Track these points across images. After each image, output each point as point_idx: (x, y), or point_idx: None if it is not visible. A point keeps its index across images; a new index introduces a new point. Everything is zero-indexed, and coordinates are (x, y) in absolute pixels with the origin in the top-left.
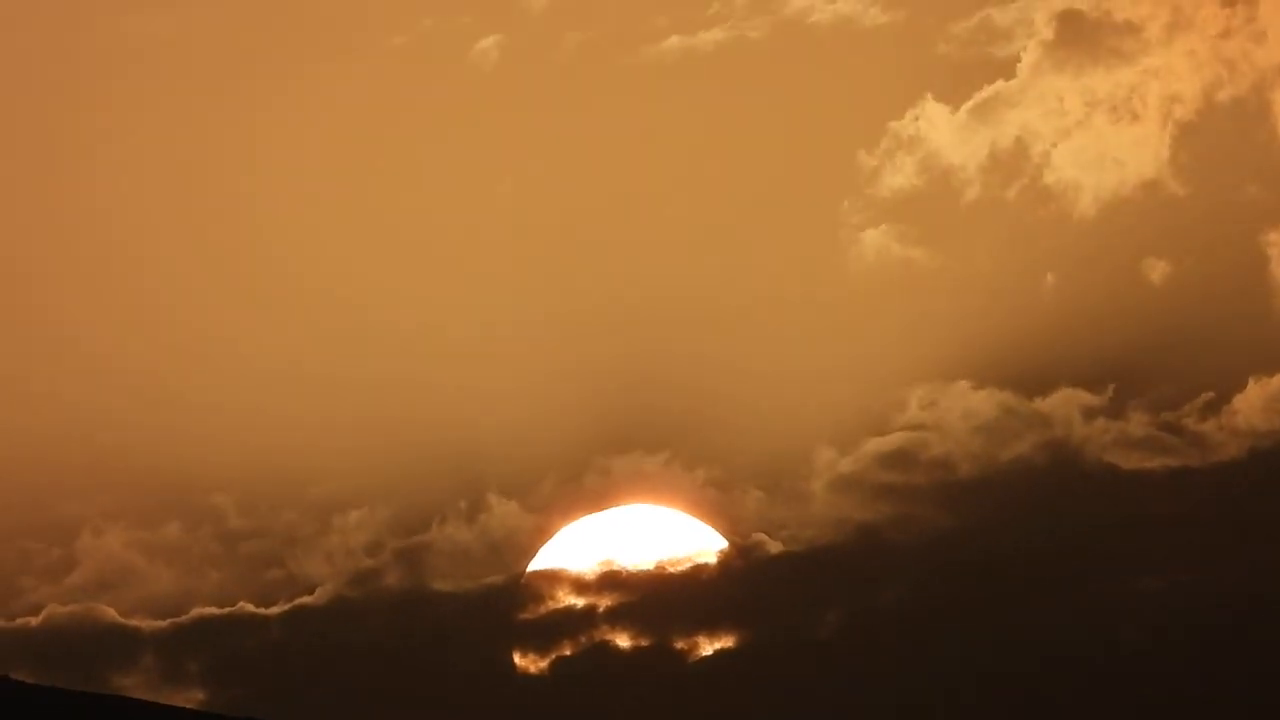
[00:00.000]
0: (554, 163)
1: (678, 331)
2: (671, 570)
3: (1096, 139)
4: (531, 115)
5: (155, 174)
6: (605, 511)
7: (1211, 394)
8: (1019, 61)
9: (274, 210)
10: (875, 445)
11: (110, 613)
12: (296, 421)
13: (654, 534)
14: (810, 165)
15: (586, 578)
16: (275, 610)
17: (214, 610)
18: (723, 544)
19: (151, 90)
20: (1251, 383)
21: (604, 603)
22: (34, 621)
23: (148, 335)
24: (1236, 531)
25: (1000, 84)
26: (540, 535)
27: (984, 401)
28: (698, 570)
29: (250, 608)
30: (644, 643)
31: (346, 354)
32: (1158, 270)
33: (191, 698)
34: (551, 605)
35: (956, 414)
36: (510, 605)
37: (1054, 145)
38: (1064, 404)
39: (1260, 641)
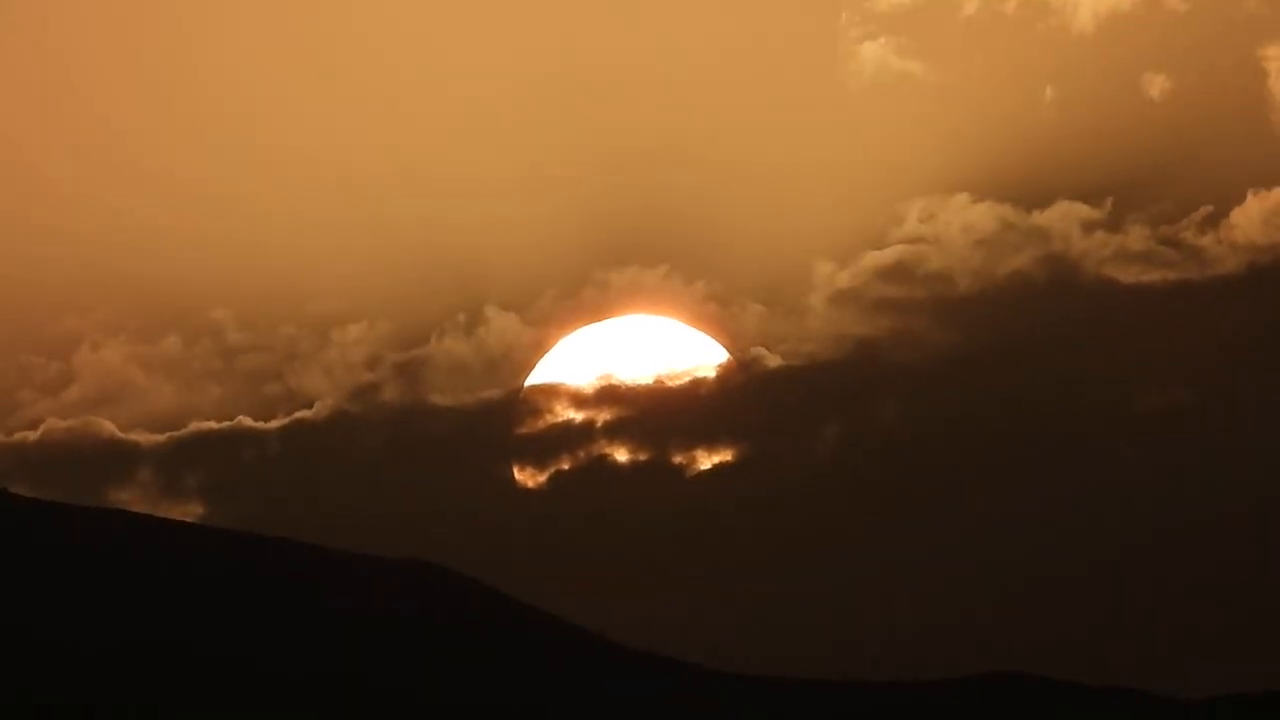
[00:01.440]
0: None
1: (676, 146)
2: (670, 384)
3: None
4: None
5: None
6: (604, 322)
7: (1210, 208)
8: None
9: (281, 41)
10: (874, 259)
11: (109, 427)
12: (295, 236)
13: (653, 346)
14: None
15: (585, 392)
16: (274, 424)
17: (213, 424)
18: (722, 355)
19: None
20: (1250, 196)
21: (602, 417)
22: (32, 436)
23: (147, 155)
24: (1235, 345)
25: None
26: (539, 349)
27: (983, 215)
28: (696, 384)
29: (249, 422)
30: (642, 457)
31: (347, 169)
32: (1156, 84)
33: (190, 511)
34: (550, 419)
35: (955, 227)
36: (509, 419)
37: None
38: (1063, 217)
39: (1258, 455)
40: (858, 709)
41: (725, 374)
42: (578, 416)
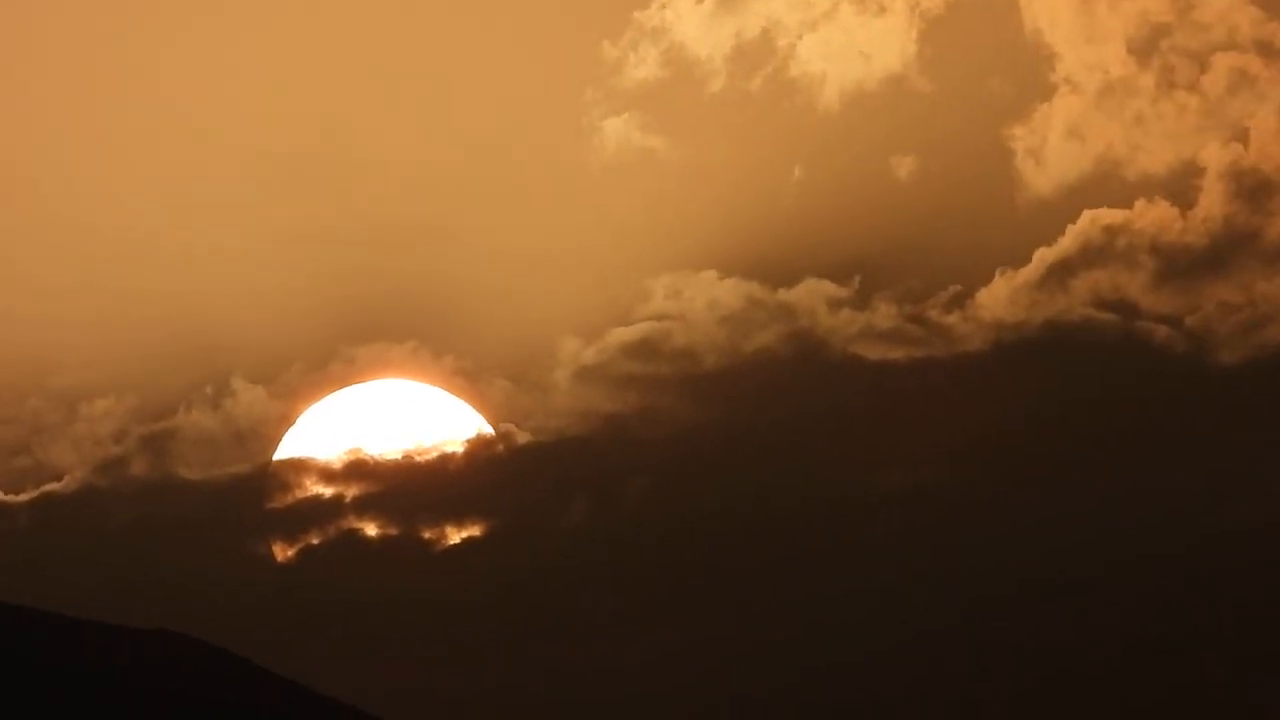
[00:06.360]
0: (293, 51)
1: (421, 221)
2: (418, 459)
3: (843, 31)
4: (266, 9)
5: None
6: (354, 386)
7: (958, 287)
8: None
9: (17, 103)
10: (619, 335)
11: None
12: (38, 310)
13: (402, 415)
14: (553, 55)
15: (334, 466)
16: (23, 497)
17: None
18: (473, 421)
19: None
20: (997, 276)
21: (351, 492)
22: None
23: None
24: (979, 422)
25: None
26: (286, 422)
27: (729, 292)
28: (445, 460)
29: None
30: (392, 531)
31: (87, 239)
32: (904, 164)
33: None
34: (299, 494)
35: (701, 304)
36: (258, 494)
37: (800, 37)
38: (809, 295)
39: (1002, 533)
40: None
41: (473, 449)
42: (327, 491)
